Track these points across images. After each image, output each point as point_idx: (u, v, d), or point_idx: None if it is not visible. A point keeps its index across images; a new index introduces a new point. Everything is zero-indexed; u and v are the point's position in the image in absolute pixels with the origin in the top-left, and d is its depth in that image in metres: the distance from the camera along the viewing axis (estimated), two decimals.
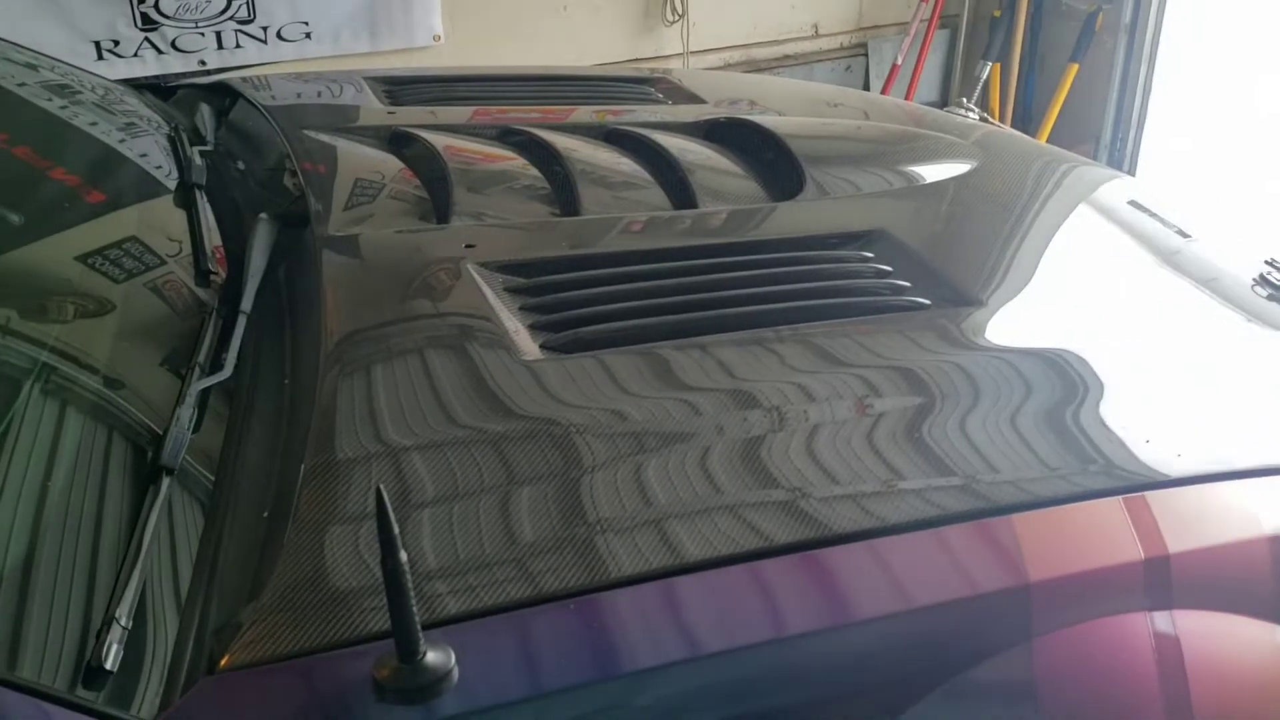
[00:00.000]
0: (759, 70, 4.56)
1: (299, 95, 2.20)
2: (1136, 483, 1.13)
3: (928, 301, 1.39)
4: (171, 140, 1.69)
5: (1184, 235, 1.78)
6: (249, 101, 1.98)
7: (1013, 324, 1.38)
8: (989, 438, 1.14)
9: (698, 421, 1.13)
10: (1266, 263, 1.72)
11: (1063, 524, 1.08)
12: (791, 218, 1.62)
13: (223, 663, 0.86)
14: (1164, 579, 1.09)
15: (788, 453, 1.09)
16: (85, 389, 1.13)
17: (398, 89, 2.12)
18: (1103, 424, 1.20)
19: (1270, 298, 1.63)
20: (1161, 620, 1.08)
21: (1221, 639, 1.10)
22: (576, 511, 1.00)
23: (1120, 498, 1.11)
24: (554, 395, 1.15)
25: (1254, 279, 1.67)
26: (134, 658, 0.86)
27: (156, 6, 3.69)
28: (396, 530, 0.80)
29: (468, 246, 1.42)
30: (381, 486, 0.80)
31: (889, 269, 1.47)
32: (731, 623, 0.95)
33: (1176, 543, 1.10)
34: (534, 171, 1.68)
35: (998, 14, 4.56)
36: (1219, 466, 1.19)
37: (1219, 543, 1.13)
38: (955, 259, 1.55)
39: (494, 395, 1.14)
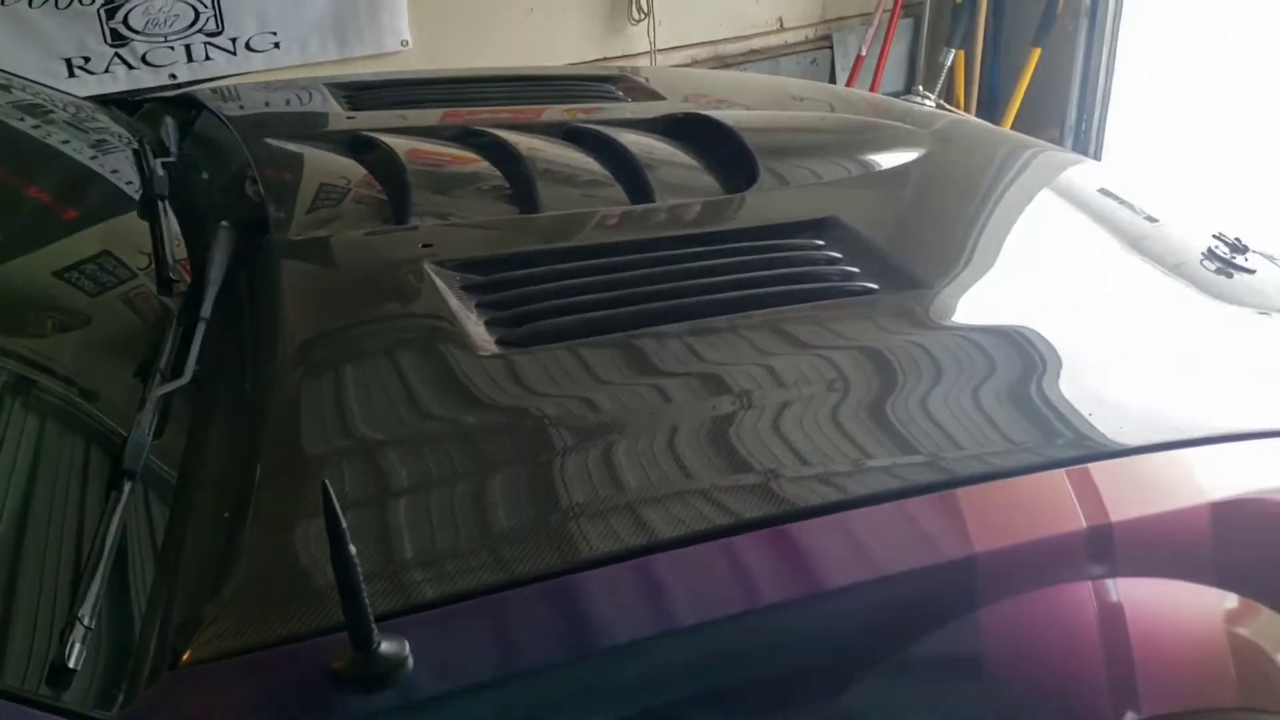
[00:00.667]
0: (726, 66, 4.59)
1: (266, 104, 2.22)
2: (1079, 455, 1.16)
3: (876, 286, 1.42)
4: (136, 153, 1.72)
5: (1138, 214, 1.82)
6: (212, 112, 2.00)
7: (959, 305, 1.41)
8: (929, 416, 1.17)
9: (649, 407, 1.16)
10: (1214, 236, 1.75)
11: (1008, 497, 1.11)
12: (745, 209, 1.65)
13: (185, 658, 0.88)
14: (1108, 547, 1.12)
15: (728, 433, 1.12)
16: (51, 396, 1.15)
17: (358, 94, 2.14)
18: (1045, 399, 1.23)
19: (1218, 271, 1.67)
20: (1106, 587, 1.11)
21: (1164, 604, 1.14)
22: (526, 499, 1.03)
23: (1064, 470, 1.14)
24: (509, 388, 1.18)
25: (1202, 253, 1.70)
26: (98, 656, 0.89)
27: (125, 22, 3.69)
28: (344, 524, 0.82)
29: (425, 246, 1.44)
30: (327, 482, 0.82)
31: (839, 256, 1.50)
32: (683, 601, 0.97)
33: (1120, 512, 1.13)
34: (493, 171, 1.71)
35: (960, 1, 4.60)
36: (1161, 437, 1.22)
37: (1162, 510, 1.16)
38: (905, 244, 1.58)
39: (450, 390, 1.17)
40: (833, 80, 4.76)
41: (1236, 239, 1.71)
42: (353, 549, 0.82)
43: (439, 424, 1.13)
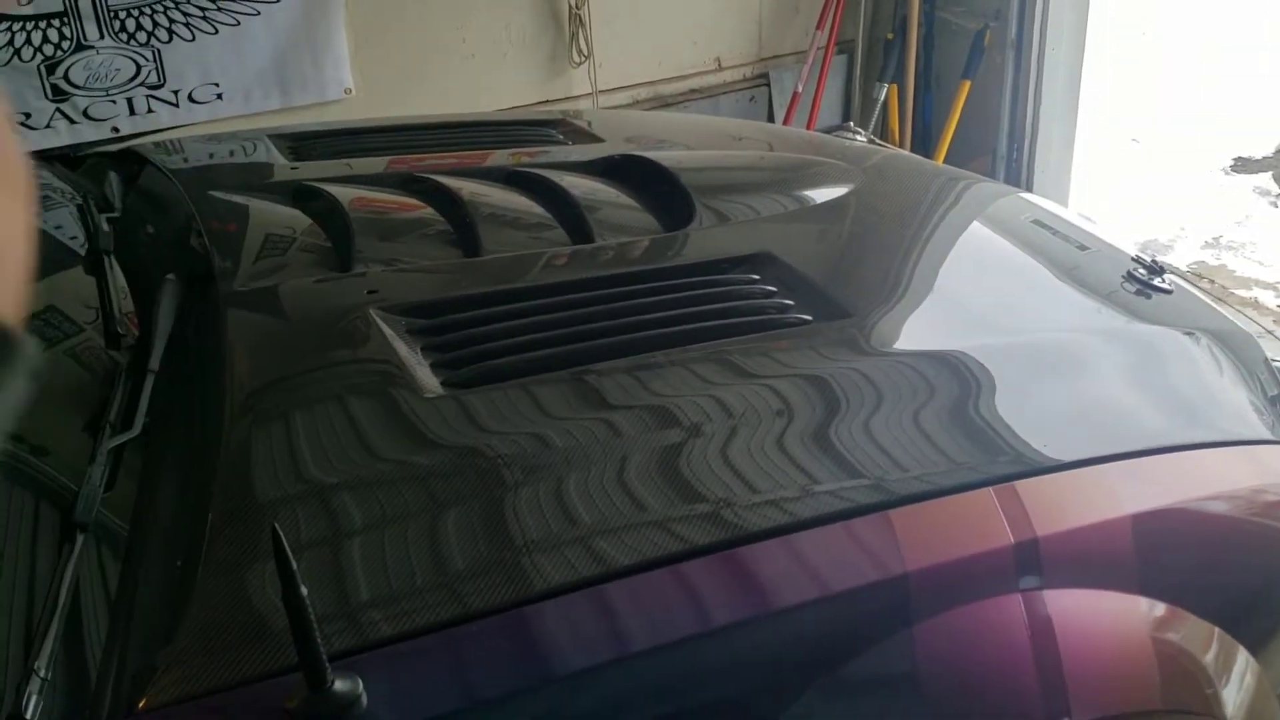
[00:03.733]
0: (667, 105, 4.66)
1: (210, 156, 2.24)
2: (1003, 474, 1.21)
3: (809, 318, 1.47)
4: (80, 209, 1.74)
5: (1070, 242, 1.89)
6: (155, 166, 2.02)
7: (887, 333, 1.46)
8: (855, 441, 1.22)
9: (592, 441, 1.19)
10: (1133, 259, 1.82)
11: (935, 516, 1.16)
12: (683, 246, 1.69)
13: (141, 705, 0.90)
14: (1034, 561, 1.17)
15: (668, 463, 1.16)
16: (3, 454, 1.17)
17: (301, 144, 2.17)
18: (970, 421, 1.28)
19: (1138, 292, 1.74)
20: (1033, 601, 1.15)
21: (1090, 614, 1.19)
22: (474, 535, 1.06)
23: (991, 488, 1.19)
24: (455, 428, 1.21)
25: (1122, 276, 1.77)
26: (54, 707, 0.90)
27: (66, 77, 3.70)
28: (295, 566, 0.85)
29: (370, 293, 1.47)
30: (277, 525, 0.85)
31: (774, 289, 1.55)
32: (635, 627, 1.01)
33: (1044, 526, 1.18)
34: (435, 216, 1.74)
35: (891, 36, 4.71)
36: (1082, 453, 1.28)
37: (1084, 524, 1.22)
38: (836, 277, 1.64)
39: (396, 432, 1.20)
40: (770, 117, 4.85)
41: (1154, 261, 1.79)
42: (304, 590, 0.85)
43: (386, 466, 1.16)
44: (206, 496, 1.11)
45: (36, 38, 3.60)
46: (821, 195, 1.94)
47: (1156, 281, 1.74)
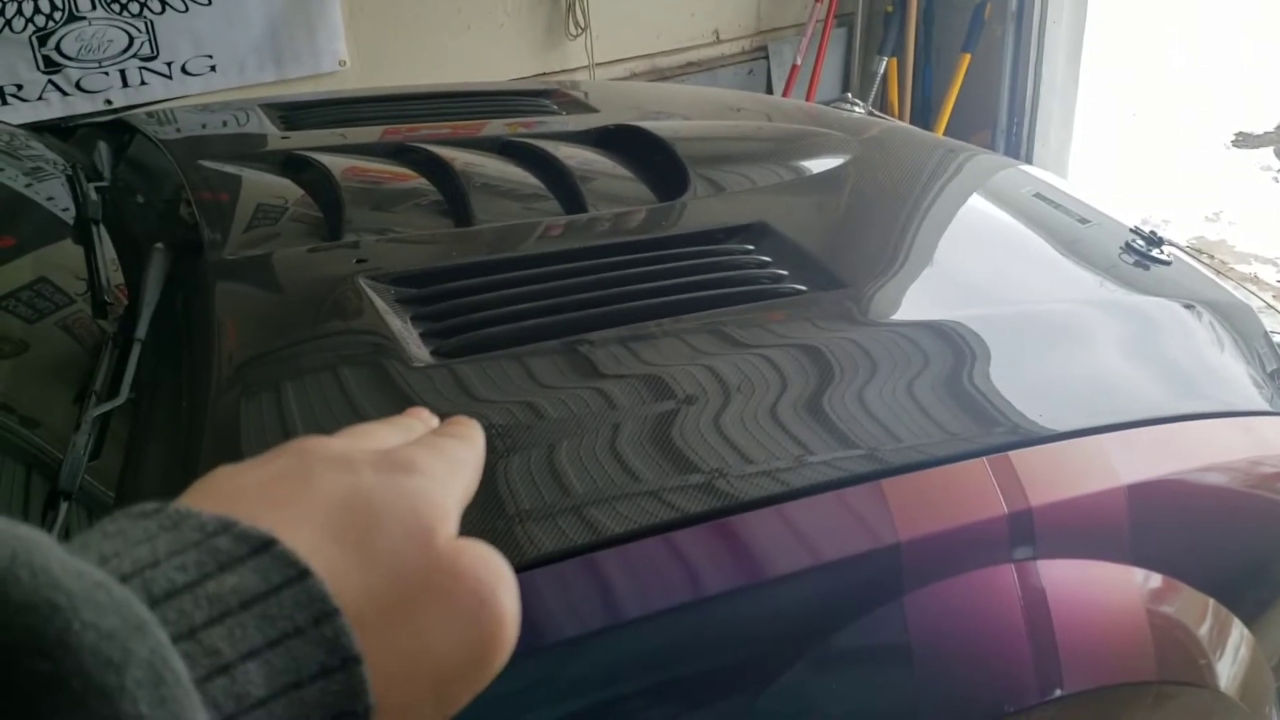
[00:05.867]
0: (664, 78, 4.64)
1: (203, 126, 2.22)
2: (998, 443, 1.20)
3: (804, 288, 1.46)
4: (70, 179, 1.72)
5: (1070, 215, 1.87)
6: (145, 135, 2.00)
7: (883, 304, 1.45)
8: (847, 410, 1.21)
9: (583, 410, 1.18)
10: (1132, 230, 1.81)
11: (928, 486, 1.15)
12: (677, 216, 1.68)
13: None
14: (1027, 532, 1.16)
15: (660, 431, 1.15)
16: None
17: (292, 114, 2.15)
18: (964, 391, 1.27)
19: (1136, 264, 1.72)
20: (1026, 571, 1.15)
21: (1084, 584, 1.18)
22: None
23: (985, 458, 1.18)
24: (445, 398, 1.20)
25: (1120, 247, 1.76)
26: None
27: (58, 48, 3.67)
28: None
29: (359, 262, 1.46)
30: None
31: (769, 259, 1.54)
32: (629, 594, 1.00)
33: (1039, 496, 1.17)
34: (427, 185, 1.73)
35: (890, 9, 4.68)
36: (1078, 424, 1.27)
37: (1079, 494, 1.21)
38: (832, 247, 1.62)
39: (385, 403, 1.19)
40: (769, 90, 4.83)
41: (1153, 232, 1.77)
42: None
43: None
44: (193, 466, 1.10)
45: (28, 8, 3.57)
46: (818, 166, 1.92)
47: (1155, 253, 1.73)
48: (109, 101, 3.82)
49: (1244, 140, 5.65)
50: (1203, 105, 5.90)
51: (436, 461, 0.44)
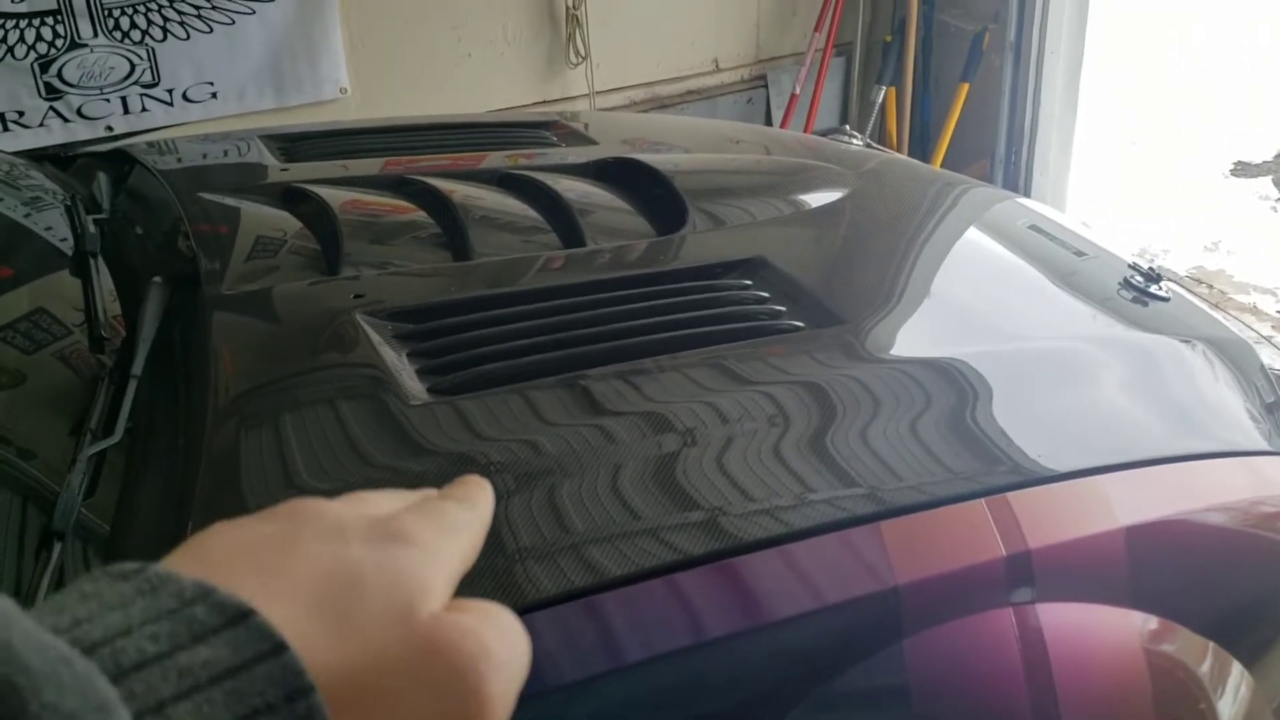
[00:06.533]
0: (664, 107, 4.65)
1: (204, 156, 2.23)
2: (996, 484, 1.19)
3: (801, 324, 1.45)
4: (68, 210, 1.72)
5: (1067, 249, 1.87)
6: (144, 166, 2.01)
7: (880, 340, 1.44)
8: (850, 450, 1.20)
9: (581, 447, 1.17)
10: (1130, 266, 1.81)
11: (927, 528, 1.14)
12: (675, 251, 1.68)
13: None
14: (1026, 574, 1.15)
15: (659, 470, 1.14)
16: None
17: (292, 145, 2.15)
18: (963, 430, 1.27)
19: (1134, 300, 1.72)
20: (1025, 614, 1.14)
21: (1083, 628, 1.17)
22: None
23: (983, 500, 1.18)
24: (441, 436, 1.19)
25: (1118, 283, 1.76)
26: None
27: (60, 75, 3.69)
28: None
29: (356, 297, 1.46)
30: None
31: (767, 295, 1.54)
32: (630, 638, 0.99)
33: (1037, 539, 1.16)
34: (426, 219, 1.73)
35: (889, 39, 4.70)
36: (1077, 464, 1.26)
37: (1078, 536, 1.20)
38: (829, 283, 1.62)
39: (380, 440, 1.18)
40: (768, 119, 4.84)
41: (1151, 268, 1.77)
42: None
43: (368, 474, 1.14)
44: (188, 506, 1.10)
45: (30, 35, 3.59)
46: (816, 200, 1.92)
47: (1153, 289, 1.73)
48: (110, 128, 3.83)
49: (1242, 170, 5.67)
50: (1200, 135, 5.92)
51: (430, 530, 0.43)
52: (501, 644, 0.40)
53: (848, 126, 3.70)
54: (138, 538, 1.11)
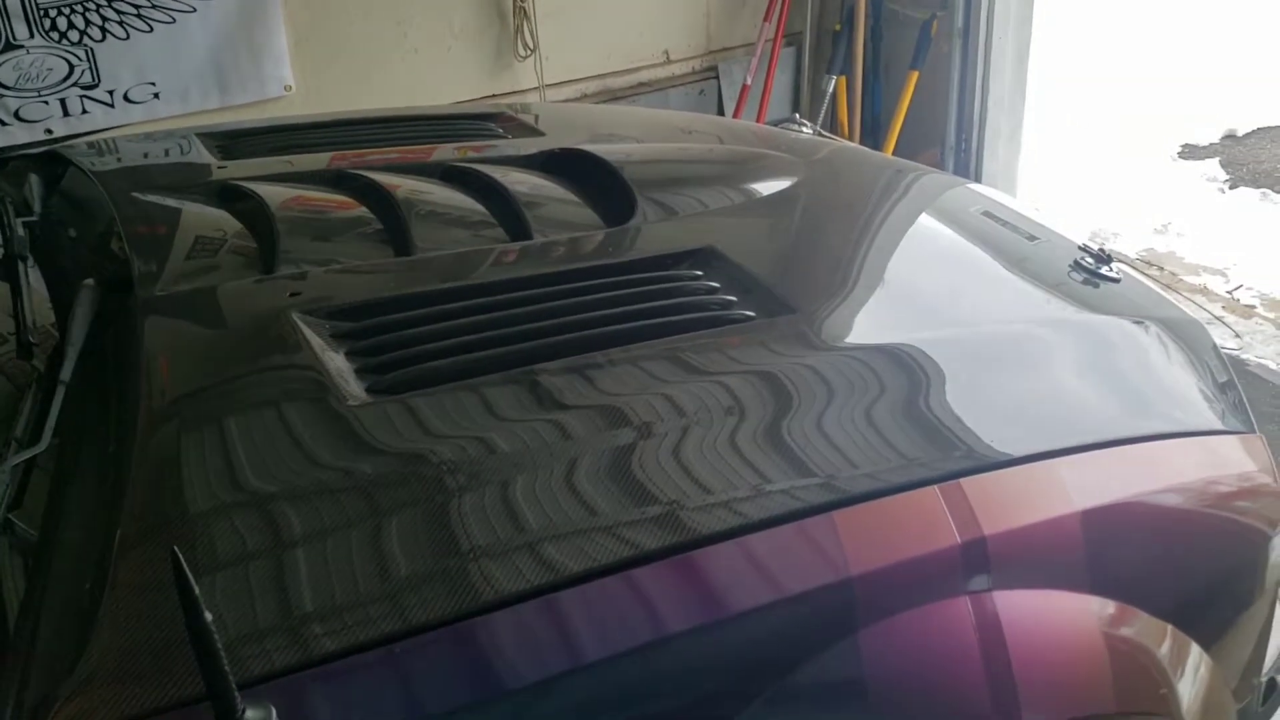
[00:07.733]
0: (616, 99, 4.62)
1: (145, 155, 2.17)
2: (949, 470, 1.17)
3: (752, 314, 1.43)
4: None
5: (1019, 233, 1.86)
6: (77, 167, 1.95)
7: (832, 328, 1.42)
8: (803, 438, 1.18)
9: (516, 447, 1.14)
10: (1080, 248, 1.80)
11: (880, 516, 1.12)
12: (624, 242, 1.65)
13: None
14: (981, 562, 1.13)
15: (605, 464, 1.11)
16: None
17: (231, 143, 2.10)
18: (915, 417, 1.25)
19: (1085, 281, 1.71)
20: (982, 602, 1.12)
21: (1040, 615, 1.16)
22: (393, 551, 1.01)
23: (936, 486, 1.16)
24: (379, 436, 1.16)
25: (1069, 265, 1.75)
26: None
27: None
28: (198, 592, 0.79)
29: (292, 295, 1.41)
30: (177, 549, 0.79)
31: (717, 285, 1.51)
32: (548, 648, 0.96)
33: (992, 525, 1.15)
34: (367, 214, 1.69)
35: (839, 28, 4.69)
36: (1031, 448, 1.25)
37: (1033, 521, 1.19)
38: (780, 272, 1.60)
39: (316, 443, 1.14)
40: (720, 110, 4.82)
41: (1101, 250, 1.76)
42: (208, 616, 0.80)
43: (305, 479, 1.10)
44: (116, 514, 1.05)
45: None
46: (766, 189, 1.90)
47: (1104, 270, 1.72)
48: (49, 131, 3.74)
49: (1190, 152, 5.71)
50: (1148, 119, 5.96)
51: None
52: None
53: (798, 115, 3.68)
54: (64, 551, 1.06)
